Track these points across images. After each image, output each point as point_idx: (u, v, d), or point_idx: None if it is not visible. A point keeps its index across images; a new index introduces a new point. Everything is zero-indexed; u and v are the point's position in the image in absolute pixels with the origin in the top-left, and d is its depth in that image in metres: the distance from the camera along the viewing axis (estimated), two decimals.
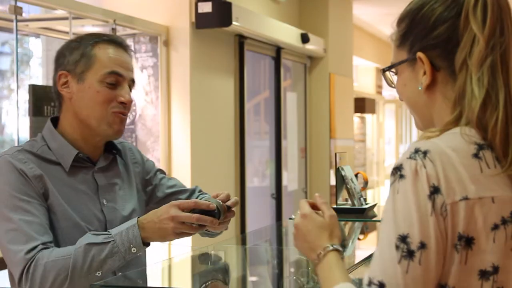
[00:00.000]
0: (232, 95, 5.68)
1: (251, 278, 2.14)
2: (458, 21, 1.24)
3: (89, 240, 1.71)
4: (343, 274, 1.27)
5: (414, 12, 1.30)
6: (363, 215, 2.59)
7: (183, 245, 3.41)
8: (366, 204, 2.66)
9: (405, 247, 1.12)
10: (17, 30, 3.88)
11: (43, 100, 4.13)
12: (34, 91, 4.11)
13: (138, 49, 5.00)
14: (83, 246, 1.70)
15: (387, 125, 12.35)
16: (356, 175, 3.25)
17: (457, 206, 1.14)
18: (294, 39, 6.44)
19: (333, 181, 4.86)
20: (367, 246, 2.57)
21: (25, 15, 4.25)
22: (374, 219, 2.61)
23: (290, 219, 3.89)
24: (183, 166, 4.95)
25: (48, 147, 1.84)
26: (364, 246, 2.60)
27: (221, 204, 1.79)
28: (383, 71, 1.38)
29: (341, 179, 3.09)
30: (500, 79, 1.21)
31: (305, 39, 6.55)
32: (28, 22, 4.71)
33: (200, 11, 4.97)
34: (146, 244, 1.74)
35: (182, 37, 4.98)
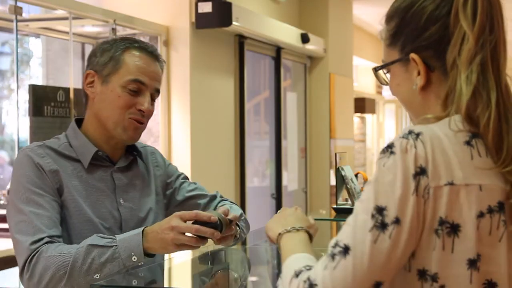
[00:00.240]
0: (232, 95, 5.68)
1: (251, 278, 2.14)
2: (449, 19, 1.23)
3: (93, 242, 1.71)
4: (307, 247, 1.30)
5: (404, 11, 1.28)
6: None
7: None
8: None
9: (380, 218, 1.13)
10: (17, 30, 3.88)
11: (43, 100, 4.13)
12: (34, 91, 4.11)
13: None
14: (86, 247, 1.70)
15: (387, 125, 12.35)
16: (356, 175, 3.25)
17: (441, 191, 1.15)
18: (294, 39, 6.44)
19: (333, 181, 4.85)
20: None
21: (25, 15, 4.25)
22: None
23: None
24: (183, 166, 4.95)
25: (70, 145, 1.88)
26: None
27: (224, 217, 1.74)
28: (375, 70, 1.37)
29: (341, 179, 3.08)
30: (491, 77, 1.21)
31: (305, 39, 6.55)
32: (28, 22, 4.71)
33: (200, 11, 4.97)
34: (149, 255, 1.72)
35: (182, 37, 4.98)
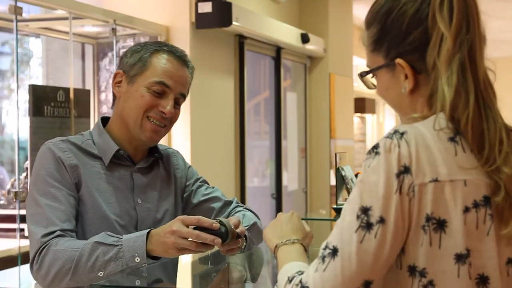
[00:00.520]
0: (232, 95, 5.68)
1: (251, 278, 2.14)
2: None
3: (99, 239, 1.72)
4: (303, 257, 1.33)
5: (384, 16, 1.28)
6: None
7: None
8: None
9: (365, 219, 1.15)
10: (17, 30, 3.88)
11: (43, 100, 4.13)
12: (34, 91, 4.11)
13: None
14: (92, 243, 1.72)
15: (387, 125, 12.34)
16: (356, 175, 3.25)
17: (426, 188, 1.16)
18: (294, 39, 6.44)
19: (333, 181, 4.86)
20: None
21: (25, 15, 4.25)
22: None
23: None
24: None
25: (93, 142, 1.92)
26: None
27: (232, 228, 1.71)
28: (361, 76, 1.37)
29: (341, 179, 3.08)
30: (470, 76, 1.22)
31: (305, 39, 6.55)
32: (28, 22, 4.71)
33: (200, 11, 4.97)
34: (153, 257, 1.72)
35: (182, 37, 4.98)
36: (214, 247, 1.73)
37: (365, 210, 1.15)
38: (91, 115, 4.74)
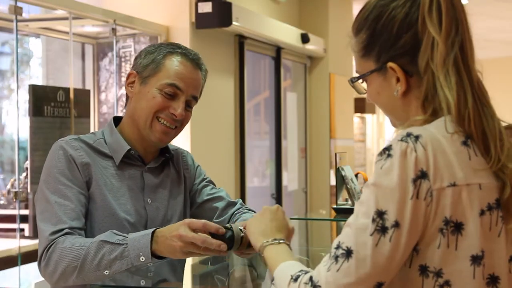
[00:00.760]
0: (232, 95, 5.68)
1: (251, 278, 2.14)
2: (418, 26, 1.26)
3: (105, 238, 1.73)
4: (292, 257, 1.35)
5: (373, 22, 1.30)
6: None
7: None
8: None
9: (381, 222, 1.16)
10: (17, 30, 3.88)
11: (43, 100, 4.13)
12: (34, 91, 4.11)
13: (138, 49, 5.00)
14: (98, 242, 1.72)
15: (387, 125, 12.34)
16: (356, 175, 3.26)
17: (444, 192, 1.18)
18: (294, 39, 6.44)
19: (333, 181, 4.85)
20: None
21: (25, 15, 4.26)
22: None
23: (291, 219, 3.90)
24: None
25: (105, 141, 1.93)
26: None
27: (240, 235, 1.66)
28: (352, 82, 1.39)
29: (341, 179, 3.09)
30: (465, 76, 1.24)
31: (305, 39, 6.55)
32: (28, 22, 4.71)
33: (200, 11, 4.97)
34: (159, 257, 1.72)
35: (182, 37, 4.98)
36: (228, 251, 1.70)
37: (381, 214, 1.16)
38: (91, 115, 4.75)
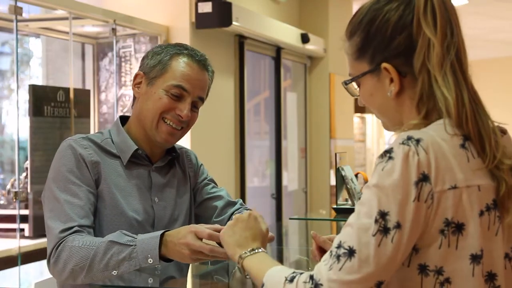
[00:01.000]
0: (232, 95, 5.68)
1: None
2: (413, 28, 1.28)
3: (114, 238, 1.74)
4: (275, 263, 1.36)
5: (367, 25, 1.32)
6: None
7: None
8: None
9: (383, 223, 1.18)
10: (17, 30, 3.88)
11: (43, 100, 4.13)
12: (34, 91, 4.11)
13: (138, 49, 5.00)
14: (106, 242, 1.73)
15: None
16: (356, 175, 3.26)
17: (445, 194, 1.20)
18: (294, 39, 6.44)
19: (333, 181, 4.86)
20: None
21: (25, 15, 4.26)
22: None
23: (291, 219, 3.90)
24: None
25: (112, 141, 1.94)
26: None
27: None
28: (345, 84, 1.42)
29: (341, 179, 3.09)
30: (461, 78, 1.27)
31: (305, 39, 6.55)
32: (28, 22, 4.71)
33: (200, 11, 4.97)
34: (167, 259, 1.73)
35: (182, 37, 4.98)
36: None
37: (383, 215, 1.18)
38: (91, 115, 4.75)
